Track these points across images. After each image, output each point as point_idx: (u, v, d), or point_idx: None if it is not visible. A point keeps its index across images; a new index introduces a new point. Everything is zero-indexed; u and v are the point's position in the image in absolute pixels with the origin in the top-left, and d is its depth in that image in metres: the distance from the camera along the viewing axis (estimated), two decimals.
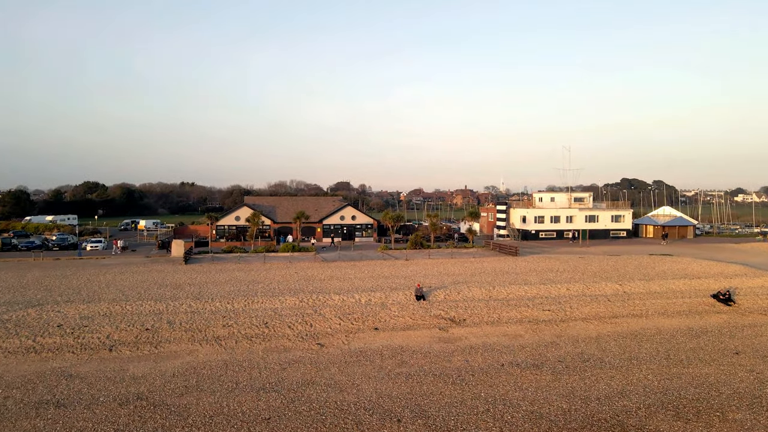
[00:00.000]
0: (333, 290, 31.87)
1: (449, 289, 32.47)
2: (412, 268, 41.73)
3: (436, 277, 37.00)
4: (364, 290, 31.93)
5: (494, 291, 32.20)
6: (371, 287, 33.00)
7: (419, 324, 26.10)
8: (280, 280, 35.43)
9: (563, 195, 74.82)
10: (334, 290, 31.88)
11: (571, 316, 27.93)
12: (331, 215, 69.94)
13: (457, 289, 32.30)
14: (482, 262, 46.09)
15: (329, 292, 31.34)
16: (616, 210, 74.15)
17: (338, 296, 30.06)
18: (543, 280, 36.07)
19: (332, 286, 33.20)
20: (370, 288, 32.72)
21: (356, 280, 35.61)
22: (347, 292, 31.14)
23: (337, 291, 31.65)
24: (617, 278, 36.66)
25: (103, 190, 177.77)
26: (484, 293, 31.72)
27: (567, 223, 72.18)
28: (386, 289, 32.19)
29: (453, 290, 32.08)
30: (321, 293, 30.90)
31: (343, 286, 33.49)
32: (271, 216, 69.65)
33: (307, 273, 38.91)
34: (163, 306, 27.25)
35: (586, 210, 73.18)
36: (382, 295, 30.53)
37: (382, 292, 31.17)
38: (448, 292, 31.56)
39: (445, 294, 31.27)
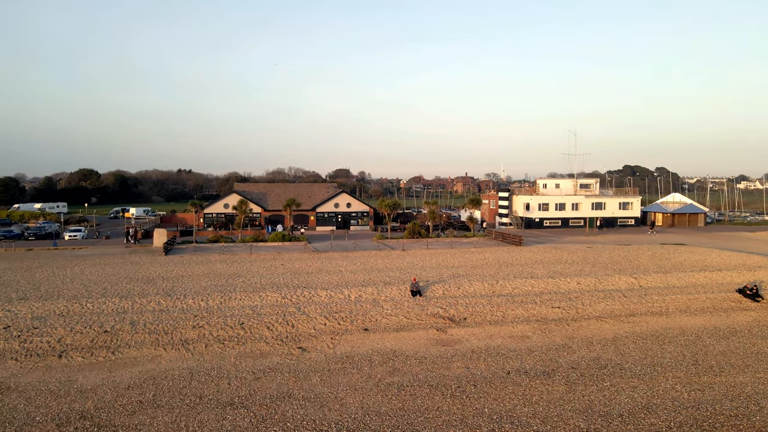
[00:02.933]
0: (321, 285, 29.49)
1: (448, 283, 30.11)
2: (408, 260, 39.34)
3: (434, 270, 34.63)
4: (354, 285, 29.56)
5: (498, 285, 29.83)
6: (363, 281, 30.63)
7: (414, 324, 23.74)
8: (264, 274, 33.02)
9: (568, 181, 72.29)
10: (322, 285, 29.50)
11: (583, 314, 25.58)
12: (324, 203, 67.44)
13: (457, 284, 29.94)
14: (484, 252, 43.69)
15: (316, 287, 28.96)
16: (624, 197, 71.66)
17: (326, 292, 27.68)
18: (551, 272, 33.70)
19: (320, 280, 30.82)
20: (361, 282, 30.35)
21: (347, 274, 33.22)
22: (336, 287, 28.77)
23: (325, 286, 29.27)
24: (631, 271, 34.30)
25: (96, 177, 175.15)
26: (487, 288, 29.36)
27: (573, 211, 69.75)
28: (379, 284, 29.82)
29: (452, 285, 29.72)
30: (307, 288, 28.52)
31: (333, 280, 31.11)
32: (262, 203, 67.15)
33: (295, 265, 36.49)
34: (129, 304, 24.83)
35: (592, 197, 70.70)
36: (375, 291, 28.17)
37: (374, 287, 28.80)
38: (447, 287, 29.19)
39: (444, 289, 28.91)
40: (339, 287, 28.79)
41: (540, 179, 74.64)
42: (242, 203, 50.83)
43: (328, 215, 67.45)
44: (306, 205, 67.88)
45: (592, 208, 70.07)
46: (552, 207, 69.27)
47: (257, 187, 71.74)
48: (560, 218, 69.38)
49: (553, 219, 69.30)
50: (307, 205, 67.83)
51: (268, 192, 69.94)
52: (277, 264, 36.97)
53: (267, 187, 71.99)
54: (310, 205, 67.38)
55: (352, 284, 29.66)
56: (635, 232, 62.68)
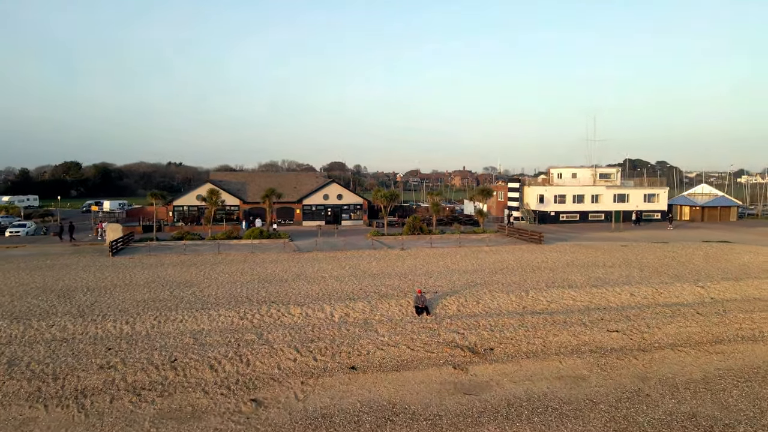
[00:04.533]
0: (296, 298, 22.92)
1: (463, 294, 23.63)
2: (409, 262, 32.82)
3: (443, 276, 28.13)
4: (341, 298, 23.03)
5: (528, 298, 23.37)
6: (352, 293, 24.11)
7: (422, 358, 17.24)
8: (224, 281, 26.44)
9: (587, 170, 65.82)
10: (298, 298, 22.94)
11: (651, 341, 19.14)
12: (312, 194, 60.76)
13: (475, 296, 23.46)
14: (500, 252, 37.22)
15: (289, 301, 22.39)
16: (650, 188, 65.31)
17: (301, 309, 21.13)
18: (591, 279, 27.27)
19: (296, 291, 24.25)
20: (350, 294, 23.82)
21: (332, 282, 26.68)
22: (315, 302, 22.22)
23: (301, 299, 22.71)
24: (692, 277, 27.92)
25: (76, 169, 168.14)
26: (515, 302, 22.88)
27: (593, 204, 63.34)
28: (373, 296, 23.31)
29: (469, 297, 23.23)
30: (277, 303, 21.95)
31: (312, 290, 24.56)
32: (241, 195, 60.40)
33: (267, 269, 29.90)
34: (20, 329, 18.19)
35: (614, 188, 64.28)
36: (367, 307, 21.65)
37: (366, 302, 22.28)
38: (462, 301, 22.70)
39: (459, 304, 22.41)
40: (319, 301, 22.23)
41: (554, 168, 68.07)
42: (212, 194, 44.12)
43: (316, 208, 60.81)
44: (291, 196, 61.15)
45: (614, 200, 63.63)
46: (569, 199, 62.82)
47: (236, 177, 64.93)
48: (578, 212, 62.96)
49: (570, 213, 62.87)
50: (292, 196, 61.12)
51: (248, 182, 63.14)
52: (245, 268, 30.36)
53: (248, 177, 65.16)
54: (295, 197, 60.69)
55: (338, 297, 23.12)
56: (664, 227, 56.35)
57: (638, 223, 60.19)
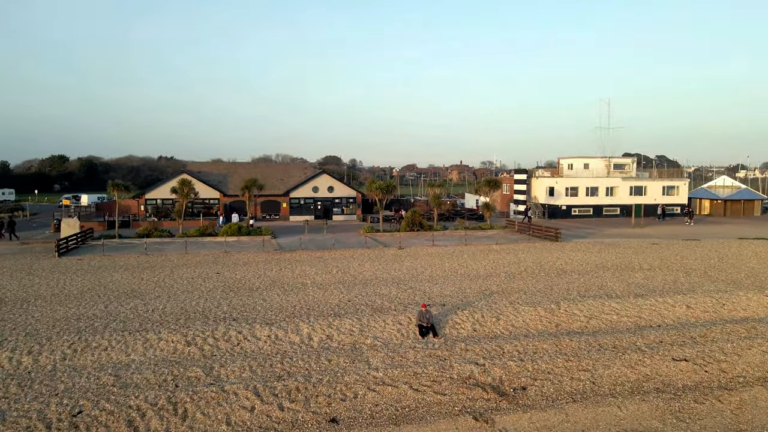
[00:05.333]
0: (265, 313, 18.25)
1: (478, 307, 19.01)
2: (409, 264, 28.20)
3: (450, 282, 23.51)
4: (323, 312, 18.37)
5: (561, 312, 18.78)
6: (338, 305, 19.45)
7: (429, 403, 12.60)
8: (180, 290, 21.72)
9: (600, 161, 61.23)
10: (267, 313, 18.26)
11: (733, 374, 14.57)
12: (300, 186, 55.98)
13: (494, 309, 18.85)
14: (514, 251, 32.65)
15: (256, 317, 17.70)
16: (669, 180, 60.85)
17: (269, 329, 16.45)
18: (631, 286, 22.71)
19: (267, 304, 19.57)
20: (334, 307, 19.17)
21: (315, 290, 22.02)
22: (290, 318, 17.54)
23: (271, 315, 18.03)
24: (752, 282, 23.42)
25: (59, 163, 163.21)
26: (545, 318, 18.28)
27: (607, 197, 58.87)
28: (364, 310, 18.67)
29: (486, 311, 18.61)
30: (239, 321, 17.27)
31: (288, 302, 19.89)
32: (221, 188, 55.56)
33: (238, 274, 25.20)
34: None
35: (630, 180, 59.78)
36: (356, 325, 17.00)
37: (355, 318, 17.64)
38: (478, 317, 18.07)
39: (474, 320, 17.78)
40: (295, 318, 17.55)
41: (564, 158, 63.42)
42: (184, 184, 39.24)
43: (305, 202, 56.04)
44: (277, 189, 56.35)
45: (630, 193, 59.16)
46: (582, 192, 58.29)
47: (218, 168, 59.99)
48: (592, 206, 58.47)
49: (583, 207, 58.35)
50: (278, 189, 56.31)
51: (230, 173, 58.21)
52: (210, 272, 25.63)
53: (230, 168, 60.22)
54: (282, 189, 55.86)
55: (319, 311, 18.45)
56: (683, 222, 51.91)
57: (664, 218, 55.71)
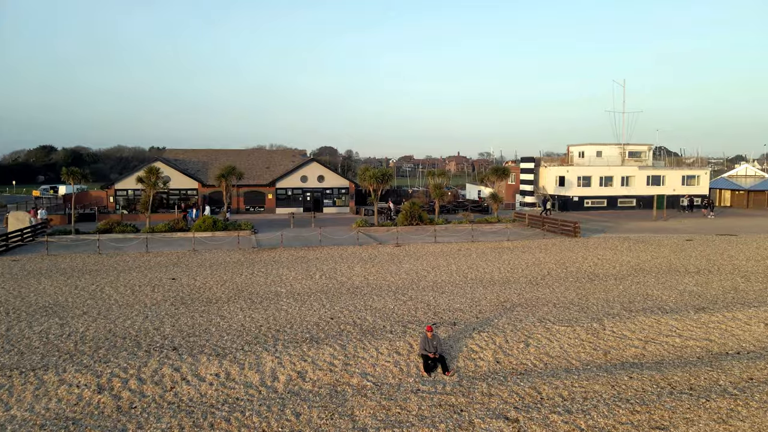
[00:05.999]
0: (218, 338, 13.95)
1: (499, 327, 14.77)
2: (408, 266, 23.94)
3: (459, 290, 19.27)
4: (295, 336, 14.09)
5: (607, 335, 14.57)
6: (316, 325, 15.17)
7: None
8: (116, 304, 17.39)
9: (614, 148, 56.97)
10: (222, 338, 13.96)
11: None
12: (288, 175, 51.55)
13: (519, 329, 14.61)
14: (530, 249, 28.43)
15: (204, 345, 13.39)
16: (689, 169, 56.66)
17: (219, 363, 12.15)
18: (684, 295, 18.52)
19: (224, 324, 15.27)
20: (312, 329, 14.89)
21: (289, 303, 17.73)
22: (250, 346, 13.24)
23: (226, 341, 13.74)
24: None
25: (44, 153, 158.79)
26: (589, 342, 14.04)
27: (623, 187, 54.69)
28: (351, 332, 14.40)
29: (509, 332, 14.37)
30: (182, 350, 12.97)
31: (251, 321, 15.60)
32: (200, 177, 51.09)
33: (197, 281, 20.87)
34: None
35: (647, 169, 55.58)
36: (339, 356, 12.72)
37: (338, 344, 13.36)
38: (500, 341, 13.81)
39: (496, 347, 13.50)
40: (257, 345, 13.25)
41: (574, 146, 59.10)
42: (151, 173, 34.76)
43: (293, 193, 51.62)
44: (262, 178, 51.89)
45: (647, 182, 54.97)
46: (595, 181, 54.05)
47: (197, 155, 55.35)
48: (606, 197, 54.27)
49: (597, 198, 54.13)
50: (263, 178, 51.84)
51: (210, 161, 53.58)
52: (163, 277, 21.29)
53: (211, 156, 55.55)
54: (267, 179, 51.39)
55: (291, 335, 14.15)
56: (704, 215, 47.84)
57: (692, 210, 51.46)
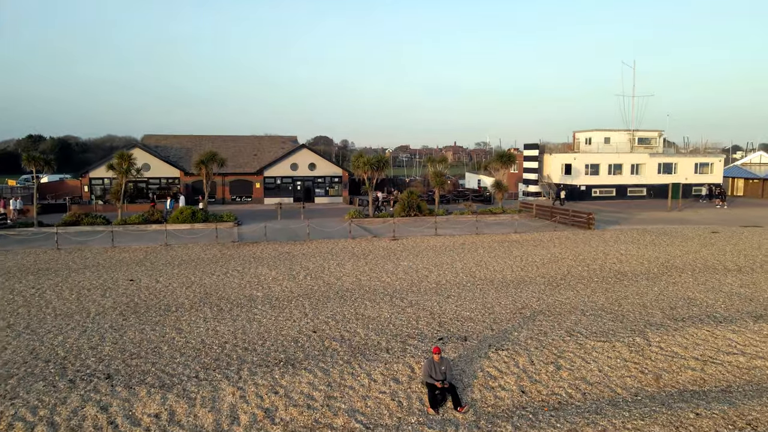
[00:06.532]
0: (168, 361, 11.14)
1: (521, 343, 12.03)
2: (406, 262, 21.18)
3: (468, 293, 16.51)
4: (266, 357, 11.30)
5: (653, 352, 11.85)
6: (294, 341, 12.39)
7: None
8: (54, 313, 14.57)
9: (622, 134, 54.23)
10: (173, 360, 11.16)
11: None
12: (276, 163, 48.56)
13: (545, 345, 11.88)
14: (543, 243, 25.70)
15: (148, 372, 10.58)
16: (702, 156, 54.00)
17: (162, 398, 9.34)
18: (732, 298, 15.83)
19: (180, 340, 12.47)
20: (289, 346, 12.11)
21: (265, 309, 14.93)
22: (207, 372, 10.43)
23: (177, 365, 10.93)
24: None
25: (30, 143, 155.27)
26: (633, 362, 11.30)
27: (633, 176, 52.01)
28: (337, 351, 11.63)
29: (534, 349, 11.63)
30: (117, 379, 10.16)
31: (215, 335, 12.79)
32: (182, 165, 48.02)
33: (160, 282, 18.04)
34: None
35: (658, 156, 52.90)
36: (321, 386, 9.91)
37: (319, 368, 10.56)
38: (524, 362, 11.04)
39: (520, 371, 10.73)
40: (216, 369, 10.45)
41: (580, 132, 56.38)
42: (123, 159, 31.71)
43: (282, 181, 48.67)
44: (249, 166, 48.90)
45: (658, 171, 52.33)
46: (603, 169, 51.35)
47: (180, 142, 52.22)
48: (615, 186, 51.60)
49: (605, 187, 51.46)
50: (251, 166, 48.84)
51: (194, 148, 50.49)
52: (125, 277, 18.45)
53: (194, 142, 52.41)
54: (255, 167, 48.39)
55: (262, 353, 11.36)
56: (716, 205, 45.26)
57: (710, 200, 48.68)
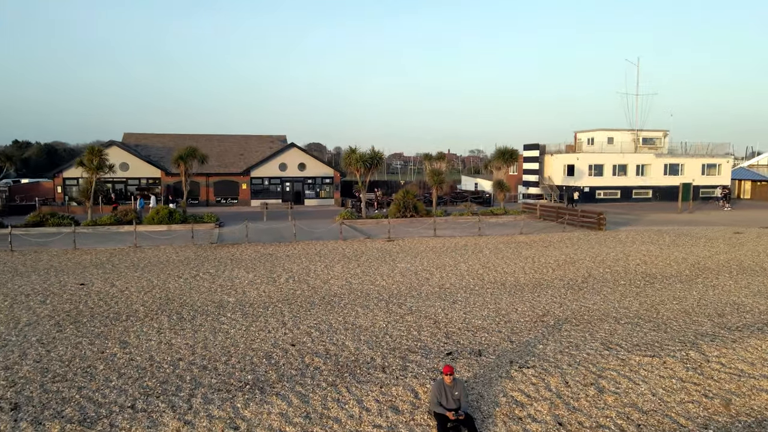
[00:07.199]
0: (101, 385, 8.74)
1: (549, 358, 9.74)
2: (404, 264, 18.87)
3: (477, 298, 14.22)
4: (228, 377, 8.91)
5: (713, 368, 9.60)
6: (267, 356, 10.01)
7: None
8: None
9: (626, 134, 52.44)
10: (105, 386, 8.75)
11: None
12: (264, 163, 46.23)
13: (579, 361, 9.59)
14: (554, 244, 23.51)
15: (71, 397, 8.20)
16: (709, 157, 52.25)
17: None
18: None
19: (123, 356, 10.08)
20: (258, 363, 9.73)
21: (237, 316, 12.56)
22: (148, 399, 8.04)
23: (111, 390, 8.53)
24: None
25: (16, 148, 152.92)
26: (691, 382, 9.03)
27: (638, 177, 50.15)
28: (319, 368, 9.26)
29: (566, 367, 9.33)
30: (20, 412, 7.75)
31: (170, 349, 10.41)
32: (163, 164, 45.58)
33: (115, 287, 15.64)
34: None
35: (664, 156, 51.11)
36: (296, 418, 7.55)
37: (296, 391, 8.20)
38: (556, 384, 8.74)
39: (552, 394, 8.42)
40: (157, 397, 8.05)
41: (582, 132, 54.56)
42: (93, 155, 29.27)
43: (270, 182, 46.31)
44: (235, 166, 46.53)
45: (664, 172, 50.51)
46: (607, 171, 49.42)
47: (162, 140, 49.80)
48: (619, 187, 49.70)
49: (609, 188, 49.52)
50: (236, 166, 46.48)
51: (176, 147, 48.03)
52: (77, 281, 16.01)
53: (177, 141, 49.99)
54: (241, 167, 46.02)
55: (224, 372, 8.98)
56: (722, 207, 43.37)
57: (728, 201, 45.37)
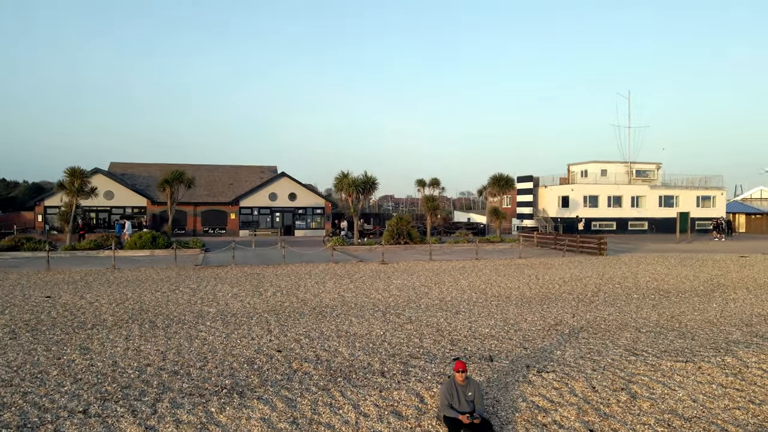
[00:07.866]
0: (52, 387, 7.57)
1: (571, 363, 8.73)
2: (400, 281, 17.86)
3: (482, 309, 13.24)
4: (201, 384, 7.77)
5: (754, 374, 8.64)
6: (250, 360, 8.90)
7: None
8: None
9: (619, 166, 52.65)
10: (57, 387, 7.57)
11: None
12: (253, 192, 45.49)
13: (606, 366, 8.59)
14: (557, 266, 22.67)
15: (16, 402, 7.00)
16: (704, 189, 52.40)
17: None
18: None
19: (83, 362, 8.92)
20: (239, 368, 8.62)
21: (218, 325, 11.45)
22: (105, 404, 6.90)
23: (64, 393, 7.35)
24: None
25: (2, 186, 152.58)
26: (732, 387, 8.06)
27: (633, 208, 49.96)
28: (309, 373, 8.17)
29: (591, 371, 8.32)
30: None
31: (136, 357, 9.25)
32: (149, 193, 44.66)
33: (84, 299, 14.44)
34: None
35: (658, 188, 51.18)
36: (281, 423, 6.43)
37: (281, 396, 7.10)
38: (581, 389, 7.71)
39: (579, 399, 7.39)
40: (116, 401, 6.91)
41: (575, 164, 54.69)
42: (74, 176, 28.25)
43: (260, 212, 45.42)
44: (224, 195, 45.70)
45: (659, 203, 50.44)
46: (603, 202, 49.24)
47: (148, 170, 49.01)
48: (615, 219, 49.39)
49: (605, 220, 49.18)
50: (225, 195, 45.65)
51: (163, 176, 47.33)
52: (40, 294, 14.81)
53: (164, 170, 49.14)
54: (230, 196, 45.20)
55: (198, 377, 7.84)
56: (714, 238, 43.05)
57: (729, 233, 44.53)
